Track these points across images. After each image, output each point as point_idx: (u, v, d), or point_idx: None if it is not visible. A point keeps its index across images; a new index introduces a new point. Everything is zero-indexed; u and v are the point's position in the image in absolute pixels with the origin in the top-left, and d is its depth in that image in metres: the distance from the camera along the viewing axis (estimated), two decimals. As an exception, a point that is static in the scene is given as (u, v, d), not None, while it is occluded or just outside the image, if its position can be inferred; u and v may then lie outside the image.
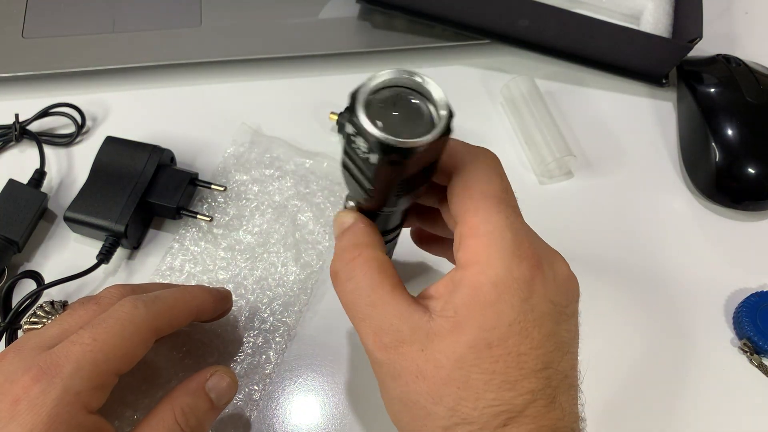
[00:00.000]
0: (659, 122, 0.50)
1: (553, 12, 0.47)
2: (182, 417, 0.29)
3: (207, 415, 0.30)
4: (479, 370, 0.24)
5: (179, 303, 0.32)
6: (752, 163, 0.44)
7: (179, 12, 0.51)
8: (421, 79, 0.24)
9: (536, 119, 0.47)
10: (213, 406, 0.30)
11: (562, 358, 0.25)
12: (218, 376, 0.31)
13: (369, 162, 0.23)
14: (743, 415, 0.38)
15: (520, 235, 0.25)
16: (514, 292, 0.24)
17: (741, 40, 0.54)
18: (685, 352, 0.40)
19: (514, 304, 0.24)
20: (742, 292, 0.42)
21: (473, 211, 0.25)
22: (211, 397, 0.30)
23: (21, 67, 0.47)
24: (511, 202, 0.26)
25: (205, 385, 0.30)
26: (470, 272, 0.25)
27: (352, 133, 0.23)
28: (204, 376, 0.31)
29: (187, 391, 0.30)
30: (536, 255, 0.25)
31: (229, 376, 0.31)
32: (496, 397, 0.24)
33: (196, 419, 0.29)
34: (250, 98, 0.49)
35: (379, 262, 0.27)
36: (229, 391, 0.31)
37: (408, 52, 0.52)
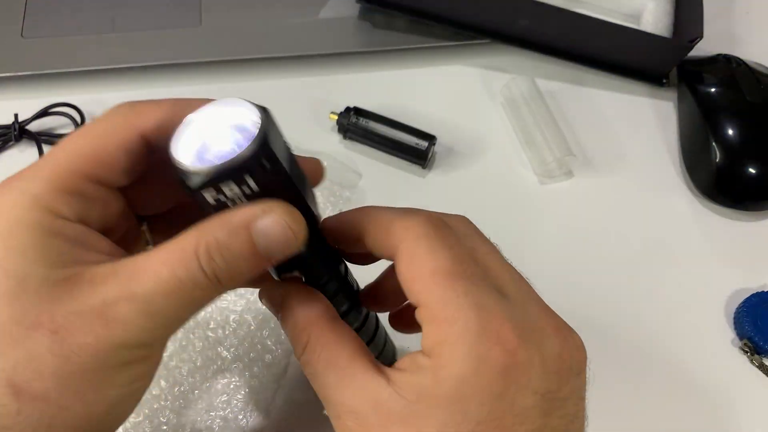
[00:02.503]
0: (659, 122, 0.50)
1: (554, 11, 0.47)
2: (205, 253, 0.21)
3: (241, 261, 0.22)
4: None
5: (180, 103, 0.25)
6: (753, 163, 0.44)
7: (179, 12, 0.51)
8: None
9: (536, 119, 0.47)
10: (254, 253, 0.22)
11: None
12: (272, 217, 0.22)
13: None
14: (744, 415, 0.38)
15: (487, 312, 0.21)
16: (483, 389, 0.21)
17: (742, 40, 0.54)
18: (685, 353, 0.40)
19: (484, 401, 0.21)
20: (742, 292, 0.42)
21: (426, 293, 0.22)
22: (256, 241, 0.22)
23: (20, 67, 0.47)
24: (469, 272, 0.22)
25: (253, 225, 0.22)
26: (432, 363, 0.22)
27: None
28: (254, 212, 0.22)
29: (225, 224, 0.22)
30: (512, 335, 0.21)
31: (287, 219, 0.22)
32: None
33: (224, 261, 0.22)
34: (249, 98, 0.48)
35: (328, 336, 0.24)
36: (283, 239, 0.22)
37: (408, 52, 0.51)
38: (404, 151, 0.45)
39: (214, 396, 0.37)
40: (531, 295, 0.24)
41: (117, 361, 0.21)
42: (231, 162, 0.20)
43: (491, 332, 0.21)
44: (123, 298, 0.21)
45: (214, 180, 0.21)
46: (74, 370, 0.20)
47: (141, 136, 0.24)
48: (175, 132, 0.22)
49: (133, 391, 0.23)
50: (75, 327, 0.20)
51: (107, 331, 0.20)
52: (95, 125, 0.24)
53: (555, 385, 0.22)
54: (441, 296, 0.22)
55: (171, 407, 0.36)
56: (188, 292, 0.21)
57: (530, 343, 0.22)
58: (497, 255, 0.25)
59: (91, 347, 0.20)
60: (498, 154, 0.47)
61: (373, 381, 0.22)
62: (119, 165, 0.23)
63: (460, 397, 0.21)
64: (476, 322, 0.21)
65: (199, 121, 0.22)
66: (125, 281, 0.21)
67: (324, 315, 0.24)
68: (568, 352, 0.23)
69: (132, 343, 0.21)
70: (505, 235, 0.44)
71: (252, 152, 0.21)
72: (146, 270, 0.21)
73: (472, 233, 0.25)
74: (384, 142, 0.46)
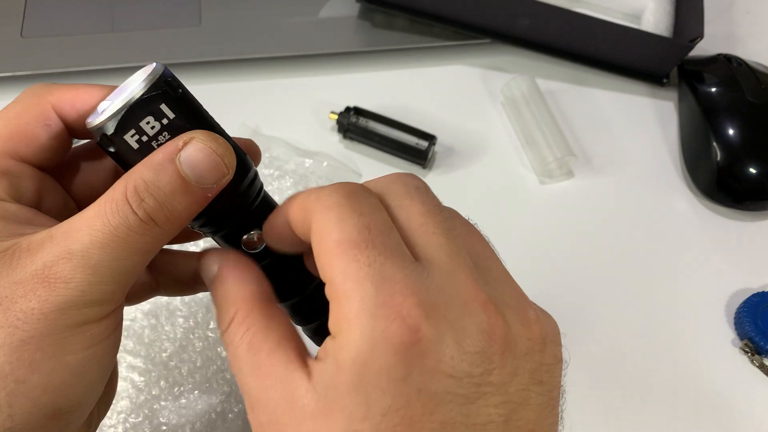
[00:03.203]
0: (660, 122, 0.50)
1: (554, 11, 0.47)
2: (134, 195, 0.21)
3: (174, 197, 0.21)
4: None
5: (92, 86, 0.25)
6: (753, 162, 0.44)
7: (178, 11, 0.51)
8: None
9: (537, 119, 0.47)
10: (185, 185, 0.21)
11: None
12: (195, 144, 0.21)
13: None
14: (744, 415, 0.38)
15: (390, 285, 0.19)
16: (382, 372, 0.18)
17: (742, 40, 0.54)
18: (685, 353, 0.40)
19: (384, 386, 0.18)
20: (743, 293, 0.42)
21: (329, 267, 0.20)
22: (183, 172, 0.21)
23: (20, 67, 0.47)
24: (378, 240, 0.20)
25: (176, 157, 0.21)
26: (334, 346, 0.19)
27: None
28: (175, 143, 0.21)
29: (150, 162, 0.21)
30: (415, 310, 0.19)
31: (211, 145, 0.22)
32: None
33: (155, 201, 0.21)
34: (249, 98, 0.49)
35: (256, 317, 0.22)
36: (211, 165, 0.22)
37: (408, 52, 0.51)
38: (404, 151, 0.45)
39: (214, 396, 0.37)
40: (461, 265, 0.20)
41: (68, 323, 0.20)
42: (141, 90, 0.21)
43: (391, 306, 0.18)
44: (61, 258, 0.20)
45: (130, 115, 0.21)
46: (23, 338, 0.20)
47: (56, 111, 0.24)
48: (91, 114, 0.23)
49: (95, 357, 0.22)
50: (17, 295, 0.20)
51: (50, 292, 0.20)
52: (8, 107, 0.24)
53: (479, 367, 0.19)
54: (342, 269, 0.19)
55: (171, 407, 0.36)
56: (125, 239, 0.21)
57: (439, 318, 0.19)
58: (435, 217, 0.21)
59: (37, 311, 0.20)
60: (498, 154, 0.47)
61: (292, 374, 0.20)
62: (39, 139, 0.23)
63: (360, 384, 0.18)
64: (374, 296, 0.19)
65: (112, 101, 0.23)
66: (62, 241, 0.21)
67: (256, 293, 0.23)
68: (502, 329, 0.19)
69: (79, 302, 0.20)
70: (505, 235, 0.44)
71: (158, 74, 0.22)
72: (80, 227, 0.21)
73: (411, 191, 0.22)
74: (384, 141, 0.46)
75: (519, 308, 0.21)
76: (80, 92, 0.24)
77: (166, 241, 0.22)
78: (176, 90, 0.22)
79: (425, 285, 0.19)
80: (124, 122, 0.21)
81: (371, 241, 0.20)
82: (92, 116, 0.23)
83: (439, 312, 0.19)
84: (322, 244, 0.20)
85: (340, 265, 0.19)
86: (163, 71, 0.22)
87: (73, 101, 0.24)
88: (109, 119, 0.21)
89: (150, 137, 0.22)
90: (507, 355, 0.19)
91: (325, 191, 0.21)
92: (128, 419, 0.36)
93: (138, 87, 0.21)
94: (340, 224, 0.20)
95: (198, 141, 0.22)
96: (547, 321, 0.22)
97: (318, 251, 0.20)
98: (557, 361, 0.21)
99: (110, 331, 0.22)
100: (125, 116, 0.21)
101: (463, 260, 0.21)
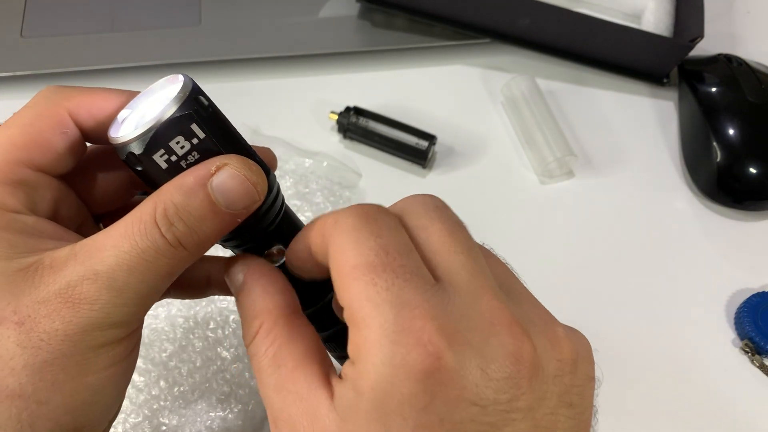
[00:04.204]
0: (660, 122, 0.49)
1: (554, 11, 0.47)
2: (163, 219, 0.20)
3: (203, 222, 0.21)
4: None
5: (109, 90, 0.24)
6: (753, 162, 0.44)
7: (179, 11, 0.51)
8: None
9: (537, 119, 0.47)
10: (215, 211, 0.21)
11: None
12: (228, 170, 0.21)
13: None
14: (745, 415, 0.38)
15: (410, 309, 0.18)
16: (404, 401, 0.18)
17: (742, 40, 0.54)
18: (686, 353, 0.40)
19: (406, 416, 0.18)
20: (743, 293, 0.42)
21: (347, 291, 0.19)
22: (215, 198, 0.21)
23: (20, 67, 0.47)
24: (396, 263, 0.19)
25: (208, 182, 0.21)
26: (353, 372, 0.19)
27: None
28: (207, 168, 0.21)
29: (180, 185, 0.21)
30: (436, 336, 0.18)
31: (245, 173, 0.21)
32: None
33: (184, 225, 0.21)
34: (249, 98, 0.49)
35: (281, 331, 0.21)
36: (243, 192, 0.21)
37: (408, 52, 0.51)
38: (404, 151, 0.45)
39: (214, 396, 0.37)
40: (485, 286, 0.20)
41: (91, 344, 0.20)
42: (171, 109, 0.20)
43: (411, 332, 0.18)
44: (86, 278, 0.20)
45: (159, 135, 0.20)
46: (47, 359, 0.20)
47: (72, 118, 0.23)
48: (112, 124, 0.22)
49: (115, 376, 0.22)
50: (41, 315, 0.20)
51: (74, 313, 0.20)
52: (22, 113, 0.23)
53: (506, 393, 0.18)
54: (360, 293, 0.19)
55: (171, 407, 0.36)
56: (152, 263, 0.20)
57: (463, 343, 0.18)
58: (455, 236, 0.21)
59: (61, 333, 0.20)
60: (498, 154, 0.47)
61: (315, 392, 0.20)
62: (55, 148, 0.23)
63: (381, 412, 0.18)
64: (394, 322, 0.18)
65: (133, 110, 0.22)
66: (86, 261, 0.20)
67: (282, 304, 0.22)
68: (529, 352, 0.19)
69: (103, 324, 0.20)
70: (506, 235, 0.44)
71: (188, 91, 0.21)
72: (106, 246, 0.20)
73: (429, 211, 0.21)
74: (384, 141, 0.46)
75: (546, 327, 0.20)
76: (97, 98, 0.23)
77: (190, 263, 0.22)
78: (207, 109, 0.21)
79: (446, 308, 0.19)
80: (153, 142, 0.20)
81: (389, 264, 0.19)
82: (114, 128, 0.22)
83: (461, 337, 0.18)
84: (339, 267, 0.20)
85: (358, 290, 0.19)
86: (192, 87, 0.21)
87: (90, 107, 0.23)
88: (137, 138, 0.20)
89: (179, 157, 0.21)
90: (535, 379, 0.19)
91: (342, 214, 0.21)
92: (128, 419, 0.36)
93: (168, 105, 0.21)
94: (357, 247, 0.19)
95: (231, 167, 0.21)
96: (577, 339, 0.21)
97: (335, 275, 0.20)
98: (589, 380, 0.21)
99: (130, 350, 0.22)
100: (155, 136, 0.20)
101: (487, 279, 0.20)
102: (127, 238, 0.20)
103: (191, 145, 0.21)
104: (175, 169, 0.21)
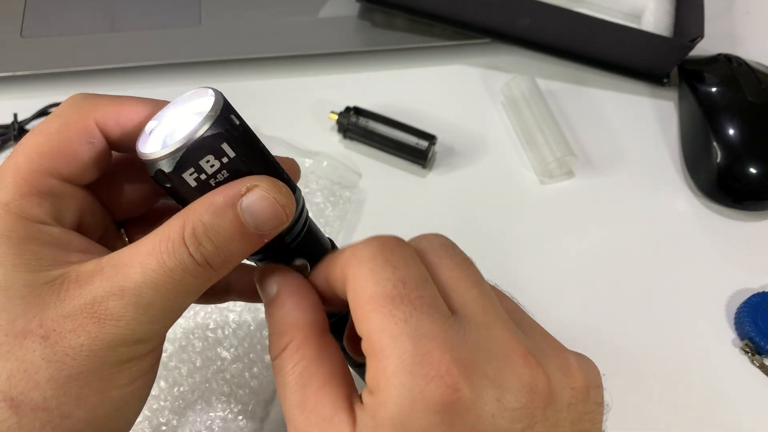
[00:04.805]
0: (660, 122, 0.49)
1: (554, 11, 0.47)
2: (192, 238, 0.20)
3: (231, 242, 0.21)
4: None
5: (137, 100, 0.24)
6: (754, 162, 0.44)
7: (178, 11, 0.51)
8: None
9: (537, 119, 0.47)
10: (244, 232, 0.21)
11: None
12: (258, 192, 0.21)
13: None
14: (745, 416, 0.38)
15: (428, 341, 0.19)
16: (421, 430, 0.18)
17: (742, 40, 0.54)
18: (686, 353, 0.40)
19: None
20: (743, 293, 0.42)
21: (365, 322, 0.20)
22: (243, 219, 0.21)
23: (20, 67, 0.47)
24: (414, 295, 0.20)
25: (238, 203, 0.21)
26: (372, 402, 0.19)
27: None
28: (237, 189, 0.21)
29: (210, 205, 0.21)
30: (454, 368, 0.18)
31: (275, 195, 0.21)
32: None
33: (213, 245, 0.21)
34: (249, 97, 0.49)
35: (310, 349, 0.22)
36: (273, 214, 0.21)
37: (408, 52, 0.51)
38: (404, 151, 0.45)
39: (213, 396, 0.37)
40: (498, 318, 0.21)
41: (115, 359, 0.20)
42: (203, 129, 0.20)
43: (429, 364, 0.18)
44: (112, 294, 0.20)
45: (190, 153, 0.20)
46: (71, 374, 0.20)
47: (99, 128, 0.23)
48: (140, 136, 0.22)
49: (137, 390, 0.22)
50: (66, 329, 0.20)
51: (100, 329, 0.20)
52: (49, 122, 0.23)
53: (521, 423, 0.19)
54: (378, 324, 0.19)
55: (171, 407, 0.36)
56: (179, 281, 0.20)
57: (479, 374, 0.19)
58: (466, 271, 0.22)
59: (86, 348, 0.20)
60: (498, 154, 0.47)
61: (337, 415, 0.20)
62: (81, 158, 0.23)
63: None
64: (412, 354, 0.19)
65: (160, 121, 0.22)
66: (112, 276, 0.20)
67: (312, 322, 0.22)
68: (544, 382, 0.19)
69: (128, 340, 0.20)
70: (505, 236, 0.44)
71: (219, 109, 0.20)
72: (133, 263, 0.20)
73: (438, 247, 0.22)
74: (384, 141, 0.46)
75: (559, 357, 0.21)
76: (125, 107, 0.23)
77: (215, 281, 0.22)
78: (238, 128, 0.21)
79: (463, 340, 0.19)
80: (183, 161, 0.20)
81: (406, 296, 0.19)
82: (142, 140, 0.22)
83: (477, 368, 0.19)
84: (357, 298, 0.20)
85: (376, 321, 0.19)
86: (223, 104, 0.21)
87: (118, 117, 0.23)
88: (167, 156, 0.20)
89: (208, 175, 0.21)
90: (549, 408, 0.19)
91: (359, 245, 0.21)
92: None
93: (199, 123, 0.20)
94: (375, 277, 0.20)
95: (262, 189, 0.21)
96: (588, 367, 0.22)
97: (353, 306, 0.20)
98: (599, 406, 0.21)
99: (152, 364, 0.22)
100: (185, 155, 0.20)
101: (498, 312, 0.21)
102: (154, 255, 0.20)
103: (221, 164, 0.21)
104: (204, 188, 0.21)
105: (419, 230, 0.47)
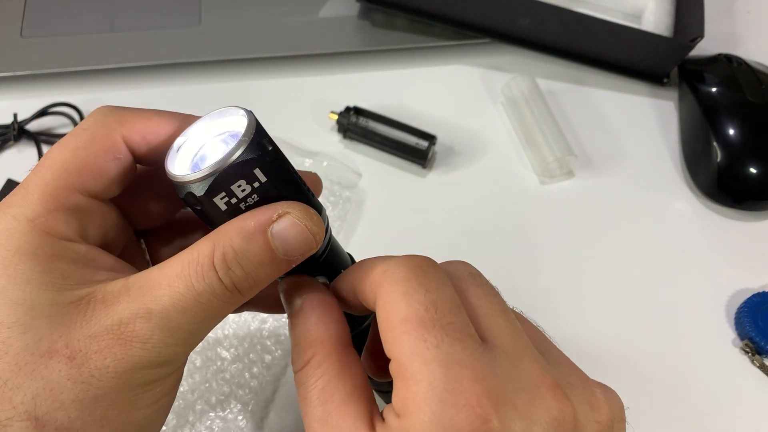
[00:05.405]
0: (660, 122, 0.49)
1: (554, 11, 0.47)
2: (222, 263, 0.20)
3: (260, 268, 0.21)
4: None
5: (164, 114, 0.24)
6: (754, 162, 0.44)
7: (178, 11, 0.51)
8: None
9: (537, 119, 0.47)
10: (273, 258, 0.21)
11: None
12: (290, 219, 0.21)
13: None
14: (745, 416, 0.38)
15: (459, 369, 0.19)
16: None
17: (743, 40, 0.54)
18: (686, 353, 0.40)
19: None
20: (743, 293, 0.42)
21: (396, 345, 0.20)
22: (273, 245, 0.21)
23: (19, 67, 0.47)
24: (446, 320, 0.20)
25: (269, 229, 0.21)
26: (398, 425, 0.19)
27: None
28: (269, 214, 0.21)
29: (241, 230, 0.21)
30: (484, 398, 0.18)
31: (306, 223, 0.21)
32: None
33: (242, 270, 0.21)
34: (248, 98, 0.48)
35: (332, 363, 0.22)
36: (302, 241, 0.22)
37: (408, 52, 0.51)
38: (404, 151, 0.45)
39: (213, 396, 0.37)
40: (526, 348, 0.21)
41: (140, 381, 0.20)
42: (236, 154, 0.20)
43: (460, 393, 0.18)
44: (139, 317, 0.20)
45: (222, 178, 0.20)
46: (96, 395, 0.20)
47: (125, 143, 0.23)
48: (168, 152, 0.22)
49: (159, 410, 0.22)
50: (92, 350, 0.20)
51: (126, 351, 0.20)
52: (76, 136, 0.23)
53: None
54: (410, 348, 0.19)
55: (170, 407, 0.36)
56: (207, 305, 0.20)
57: (509, 406, 0.19)
58: (493, 300, 0.22)
59: (111, 370, 0.20)
60: (498, 154, 0.47)
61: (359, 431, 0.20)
62: (108, 174, 0.23)
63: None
64: (443, 381, 0.18)
65: (188, 137, 0.22)
66: (140, 298, 0.20)
67: (335, 337, 0.22)
68: (571, 415, 0.19)
69: (154, 362, 0.20)
70: (505, 236, 0.44)
71: (252, 133, 0.20)
72: (160, 285, 0.20)
73: (466, 275, 0.22)
74: (384, 141, 0.46)
75: (585, 390, 0.21)
76: (152, 122, 0.23)
77: (240, 305, 0.22)
78: (270, 154, 0.21)
79: (493, 370, 0.19)
80: (215, 185, 0.20)
81: (438, 321, 0.19)
82: (170, 159, 0.22)
83: (507, 399, 0.19)
84: (388, 319, 0.20)
85: (408, 344, 0.19)
86: (256, 128, 0.21)
87: (145, 132, 0.23)
88: (198, 180, 0.20)
89: (239, 199, 0.21)
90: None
91: (392, 263, 0.21)
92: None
93: (232, 148, 0.20)
94: (407, 299, 0.20)
95: (293, 217, 0.21)
96: (613, 400, 0.22)
97: (383, 326, 0.20)
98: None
99: (174, 385, 0.23)
100: (217, 179, 0.20)
101: (526, 343, 0.21)
102: (183, 278, 0.20)
103: (252, 188, 0.21)
104: (234, 211, 0.21)
105: (419, 230, 0.47)
